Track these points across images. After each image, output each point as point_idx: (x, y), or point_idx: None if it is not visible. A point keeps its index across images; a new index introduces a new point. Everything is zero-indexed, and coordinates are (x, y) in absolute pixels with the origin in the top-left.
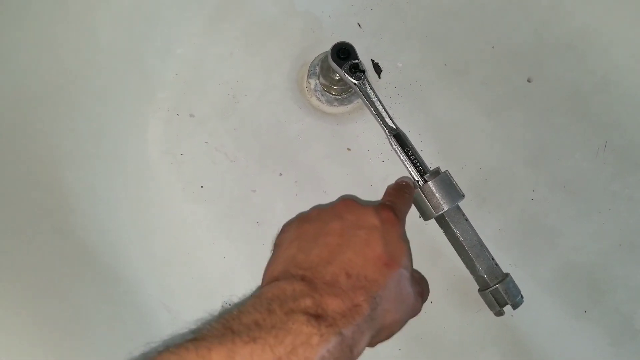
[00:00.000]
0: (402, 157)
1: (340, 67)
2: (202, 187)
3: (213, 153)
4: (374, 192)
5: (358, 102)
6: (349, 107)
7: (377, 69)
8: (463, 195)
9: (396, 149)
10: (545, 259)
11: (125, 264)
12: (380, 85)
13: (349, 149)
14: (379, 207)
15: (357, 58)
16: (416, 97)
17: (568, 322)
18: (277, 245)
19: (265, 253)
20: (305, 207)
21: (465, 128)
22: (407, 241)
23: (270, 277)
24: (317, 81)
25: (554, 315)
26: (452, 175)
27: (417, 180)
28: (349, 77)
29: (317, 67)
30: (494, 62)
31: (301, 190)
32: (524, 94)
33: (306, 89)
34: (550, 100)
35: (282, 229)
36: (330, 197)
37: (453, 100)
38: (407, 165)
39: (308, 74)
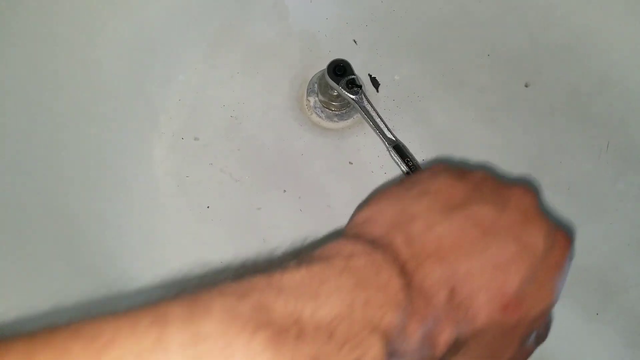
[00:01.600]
0: (402, 168)
1: (337, 84)
2: (208, 207)
3: (218, 174)
4: None
5: (358, 116)
6: (349, 121)
7: (375, 83)
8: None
9: (396, 160)
10: None
11: (135, 285)
12: (378, 99)
13: (350, 163)
14: (558, 226)
15: (353, 74)
16: (415, 108)
17: (580, 326)
18: (405, 183)
19: None
20: (311, 221)
21: (465, 136)
22: (557, 297)
23: (365, 227)
24: (317, 98)
25: (565, 319)
26: None
27: None
28: (346, 93)
29: (316, 85)
30: (491, 69)
31: (305, 206)
32: (522, 99)
33: (306, 107)
34: (550, 103)
35: (432, 170)
36: (335, 211)
37: (452, 110)
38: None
39: (307, 92)
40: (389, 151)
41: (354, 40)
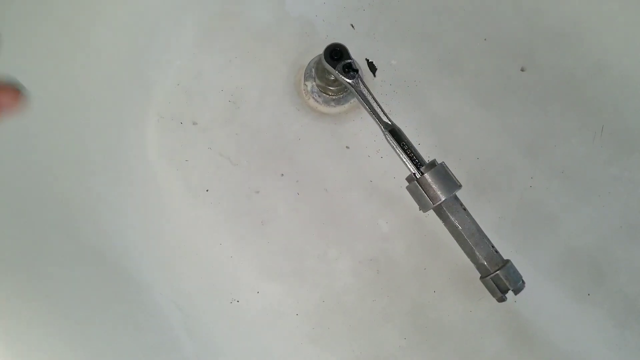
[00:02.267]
0: (398, 152)
1: (334, 68)
2: (207, 190)
3: (216, 158)
4: (374, 189)
5: (354, 101)
6: (346, 106)
7: (372, 67)
8: (460, 185)
9: (392, 144)
10: (546, 244)
11: (136, 267)
12: (375, 84)
13: (347, 147)
14: None
15: (349, 58)
16: (411, 93)
17: (571, 306)
18: None
19: (270, 251)
20: (308, 205)
21: (461, 120)
22: None
23: None
24: (314, 83)
25: (557, 300)
26: (448, 166)
27: (414, 173)
28: (343, 77)
29: (313, 70)
30: (487, 54)
31: (303, 189)
32: (518, 83)
33: (303, 92)
34: (545, 88)
35: None
36: (332, 194)
37: (448, 94)
38: (404, 159)
39: (305, 77)
40: (385, 135)
41: (352, 25)
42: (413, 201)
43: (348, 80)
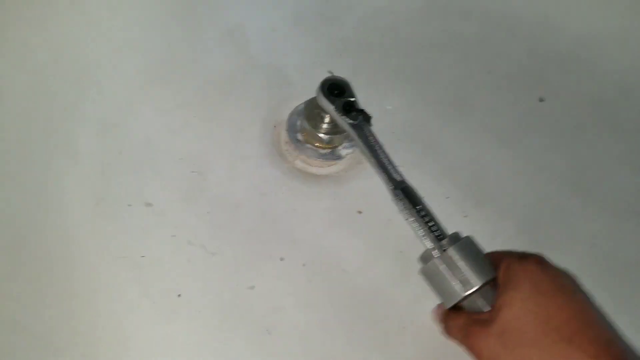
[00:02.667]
0: (412, 220)
1: (333, 104)
2: (179, 295)
3: (186, 248)
4: (407, 260)
5: (352, 156)
6: (344, 163)
7: (365, 116)
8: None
9: (404, 207)
10: (637, 298)
11: None
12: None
13: (359, 212)
14: None
15: (352, 95)
16: (419, 140)
17: None
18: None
19: None
20: (324, 295)
21: (488, 163)
22: None
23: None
24: (299, 139)
25: None
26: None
27: (433, 249)
28: (344, 118)
29: (298, 121)
30: (495, 87)
31: (313, 275)
32: (540, 114)
33: (286, 152)
34: (573, 116)
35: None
36: (352, 275)
37: (461, 136)
38: (419, 230)
39: (285, 134)
40: (393, 196)
41: (330, 72)
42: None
43: (350, 122)
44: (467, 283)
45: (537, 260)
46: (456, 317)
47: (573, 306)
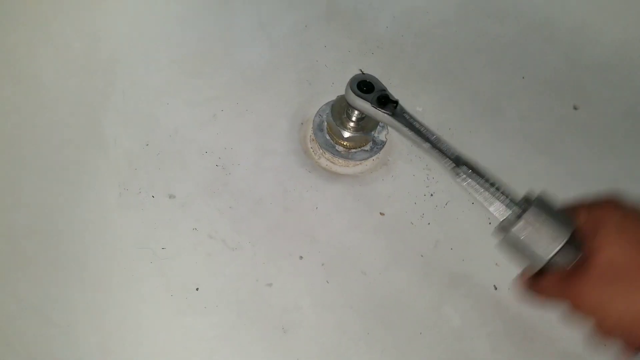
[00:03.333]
0: (481, 192)
1: (367, 101)
2: (197, 289)
3: (206, 242)
4: (427, 265)
5: (378, 156)
6: (369, 163)
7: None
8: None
9: (471, 182)
10: None
11: None
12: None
13: (382, 214)
14: None
15: (383, 88)
16: (449, 141)
17: None
18: None
19: None
20: (341, 296)
21: (518, 170)
22: None
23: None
24: (325, 136)
25: None
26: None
27: (513, 214)
28: (381, 111)
29: (325, 119)
30: (529, 93)
31: (332, 275)
32: (574, 122)
33: (311, 150)
34: (607, 125)
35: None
36: (373, 279)
37: (493, 140)
38: (493, 200)
39: (312, 131)
40: (456, 176)
41: (360, 70)
42: (486, 277)
43: (389, 113)
44: (556, 238)
45: (614, 203)
46: (548, 276)
47: None
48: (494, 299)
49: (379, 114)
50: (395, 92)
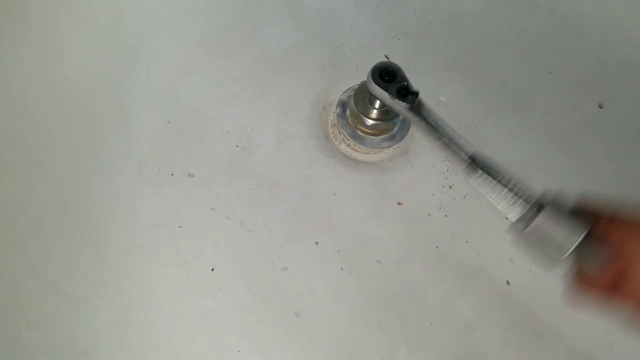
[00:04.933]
0: (494, 195)
1: (386, 91)
2: (212, 270)
3: (223, 223)
4: (442, 258)
5: (398, 145)
6: (389, 151)
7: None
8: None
9: (486, 179)
10: None
11: None
12: None
13: (399, 204)
14: None
15: (405, 79)
16: (471, 134)
17: None
18: None
19: (313, 356)
20: (355, 284)
21: (539, 167)
22: None
23: None
24: (347, 122)
25: None
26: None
27: (530, 211)
28: (400, 102)
29: (347, 105)
30: (555, 89)
31: (347, 262)
32: (598, 121)
33: (332, 135)
34: (630, 126)
35: None
36: (387, 268)
37: (516, 135)
38: (508, 199)
39: (334, 116)
40: (470, 171)
41: (386, 56)
42: (499, 273)
43: (407, 105)
44: (574, 231)
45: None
46: (591, 272)
47: None
48: (505, 294)
49: (397, 105)
50: (419, 80)
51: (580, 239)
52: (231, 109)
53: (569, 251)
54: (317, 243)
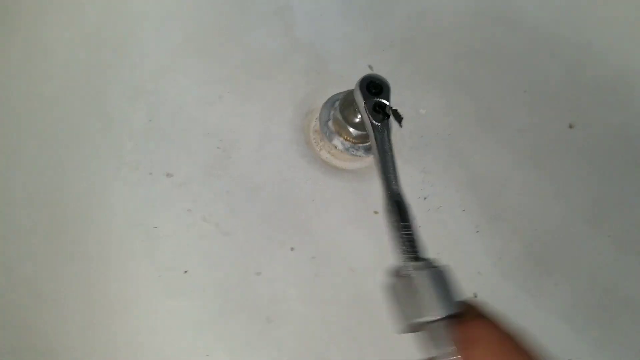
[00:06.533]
0: (396, 234)
1: (365, 101)
2: (185, 272)
3: (199, 224)
4: None
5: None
6: (368, 160)
7: (397, 116)
8: (458, 303)
9: (392, 219)
10: (630, 336)
11: None
12: (403, 135)
13: (376, 212)
14: None
15: (387, 99)
16: (447, 147)
17: None
18: None
19: None
20: (329, 291)
21: (510, 182)
22: None
23: None
24: (329, 128)
25: None
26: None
27: (408, 267)
28: (369, 116)
29: (330, 112)
30: (529, 106)
31: (321, 269)
32: (568, 141)
33: (313, 141)
34: (598, 147)
35: None
36: (361, 277)
37: (490, 151)
38: (400, 247)
39: (317, 122)
40: (386, 207)
41: (370, 66)
42: (469, 286)
43: (374, 122)
44: (434, 309)
45: (488, 320)
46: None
47: None
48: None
49: (366, 117)
50: (401, 92)
51: (438, 317)
52: (214, 110)
53: (422, 320)
54: (292, 249)
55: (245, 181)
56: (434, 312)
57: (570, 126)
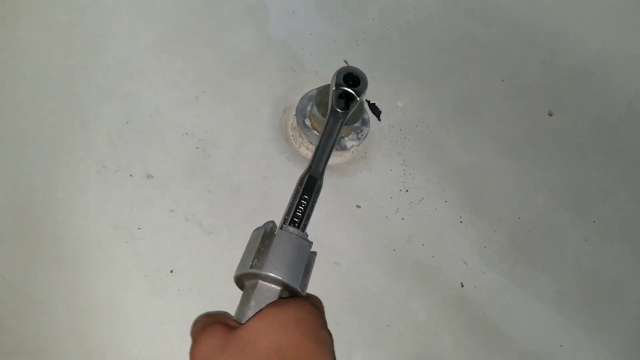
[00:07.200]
0: (293, 201)
1: (335, 88)
2: (171, 271)
3: (182, 224)
4: (400, 260)
5: (357, 149)
6: (347, 155)
7: (375, 110)
8: (304, 288)
9: (297, 189)
10: (618, 321)
11: None
12: (382, 128)
13: (358, 207)
14: None
15: (359, 93)
16: (427, 139)
17: None
18: None
19: None
20: (314, 286)
21: (490, 173)
22: None
23: None
24: (306, 125)
25: None
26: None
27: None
28: (333, 102)
29: (307, 108)
30: (507, 96)
31: None
32: (548, 129)
33: (292, 138)
34: (578, 134)
35: None
36: (346, 270)
37: (469, 142)
38: (289, 210)
39: (294, 119)
40: (300, 177)
41: (345, 61)
42: (455, 276)
43: (333, 106)
44: (259, 266)
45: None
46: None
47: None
48: (460, 296)
49: (331, 104)
50: (377, 87)
51: (274, 276)
52: (191, 110)
53: (259, 272)
54: None
55: (226, 180)
56: (273, 271)
57: (550, 114)
